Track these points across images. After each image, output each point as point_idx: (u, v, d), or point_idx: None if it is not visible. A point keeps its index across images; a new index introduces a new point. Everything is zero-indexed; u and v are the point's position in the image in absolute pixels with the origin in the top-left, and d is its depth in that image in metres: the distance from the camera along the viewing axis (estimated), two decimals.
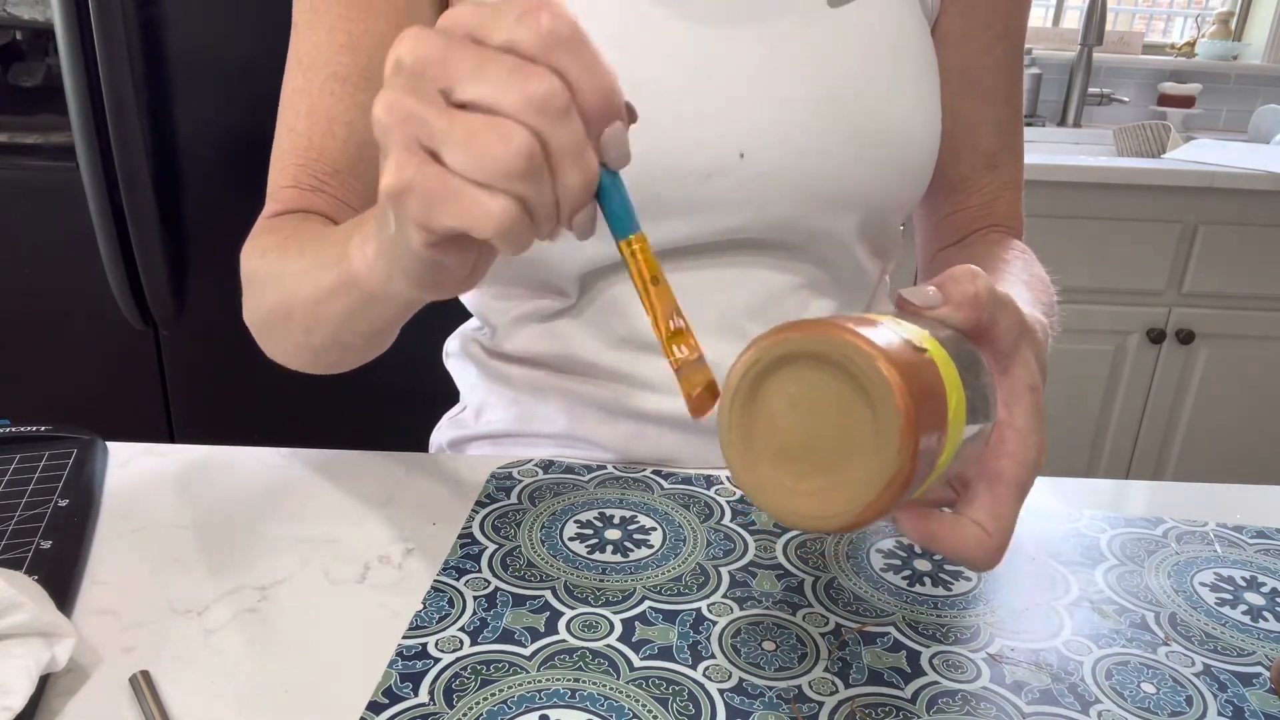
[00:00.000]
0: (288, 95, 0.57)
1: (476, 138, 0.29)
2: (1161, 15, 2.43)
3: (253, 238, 0.55)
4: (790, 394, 0.30)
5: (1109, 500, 0.58)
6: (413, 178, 0.30)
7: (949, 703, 0.40)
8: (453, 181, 0.29)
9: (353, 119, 0.56)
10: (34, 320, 1.41)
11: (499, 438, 0.67)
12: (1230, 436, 1.83)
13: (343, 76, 0.55)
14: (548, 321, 0.63)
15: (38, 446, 0.56)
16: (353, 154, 0.56)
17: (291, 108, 0.56)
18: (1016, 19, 0.64)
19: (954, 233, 0.67)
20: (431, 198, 0.30)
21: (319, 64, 0.55)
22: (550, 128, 0.29)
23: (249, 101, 1.30)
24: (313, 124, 0.56)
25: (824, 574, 0.48)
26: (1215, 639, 0.45)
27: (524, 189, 0.29)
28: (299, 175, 0.56)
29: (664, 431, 0.62)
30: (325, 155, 0.56)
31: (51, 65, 1.30)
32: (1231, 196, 1.65)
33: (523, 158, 0.29)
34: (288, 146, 0.57)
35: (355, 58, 0.55)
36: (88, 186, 1.27)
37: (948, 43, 0.62)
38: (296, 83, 0.56)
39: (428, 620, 0.43)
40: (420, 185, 0.30)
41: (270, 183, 0.57)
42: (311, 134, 0.56)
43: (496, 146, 0.29)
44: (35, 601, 0.38)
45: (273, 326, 0.51)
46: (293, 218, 0.55)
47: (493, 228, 0.30)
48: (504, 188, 0.29)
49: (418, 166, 0.30)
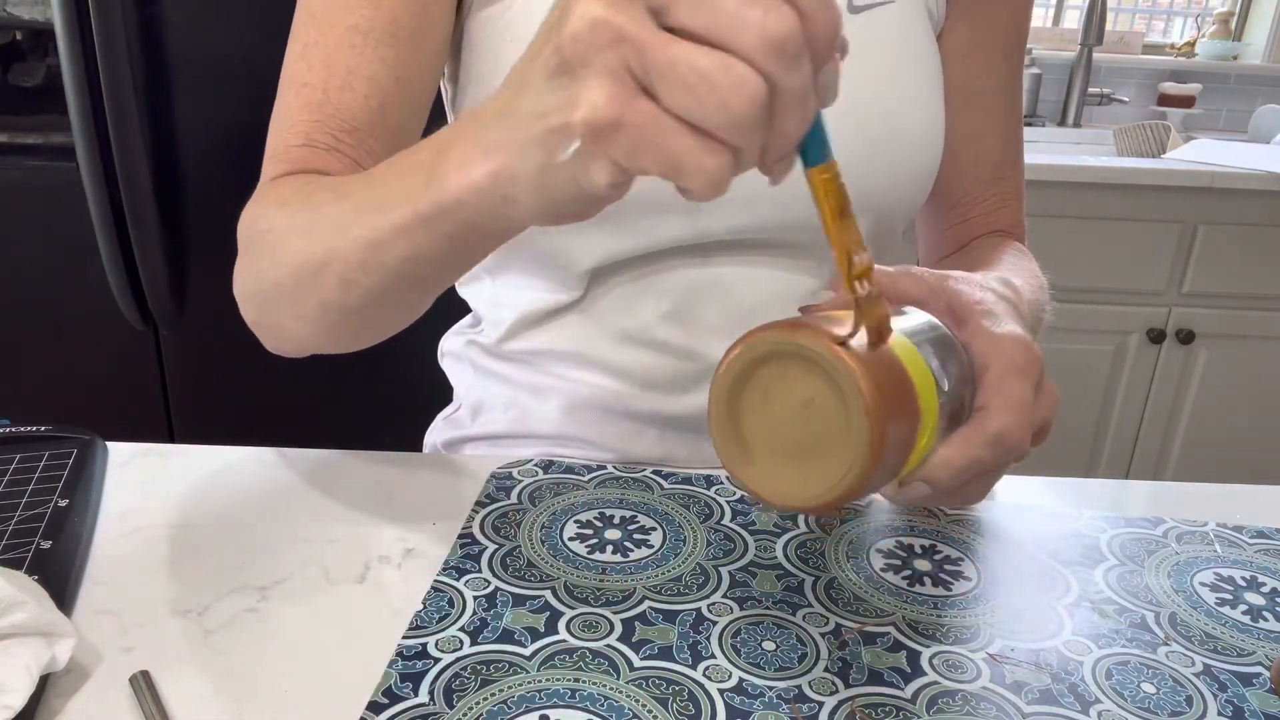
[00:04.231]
0: (296, 52, 0.53)
1: (707, 82, 0.25)
2: (1161, 15, 2.43)
3: (258, 196, 0.50)
4: (768, 389, 0.33)
5: (1109, 500, 0.58)
6: (623, 113, 0.27)
7: (949, 703, 0.40)
8: (668, 123, 0.26)
9: (375, 73, 0.51)
10: (34, 320, 1.41)
11: (496, 439, 0.67)
12: (1230, 436, 1.83)
13: (364, 30, 0.51)
14: (552, 317, 0.63)
15: (38, 446, 0.56)
16: (374, 111, 0.52)
17: (302, 62, 0.52)
18: (1019, 35, 0.65)
19: (957, 241, 0.68)
20: (642, 139, 0.27)
21: (335, 16, 0.52)
22: (784, 73, 0.26)
23: (249, 101, 1.30)
24: (329, 76, 0.51)
25: (824, 574, 0.48)
26: (1215, 639, 0.45)
27: (744, 139, 0.27)
28: (313, 132, 0.51)
29: (664, 432, 0.62)
30: (343, 110, 0.51)
31: (51, 65, 1.30)
32: (1231, 196, 1.65)
33: (756, 107, 0.26)
34: (298, 103, 0.52)
35: (378, 10, 0.51)
36: (88, 186, 1.27)
37: (953, 59, 0.63)
38: (308, 36, 0.52)
39: (428, 620, 0.43)
40: (632, 123, 0.27)
41: (273, 143, 0.53)
42: (328, 87, 0.51)
43: (729, 95, 0.26)
44: (35, 601, 0.38)
45: (291, 288, 0.45)
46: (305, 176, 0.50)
47: (704, 180, 0.27)
48: (725, 138, 0.27)
49: (628, 100, 0.27)
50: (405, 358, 0.48)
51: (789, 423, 0.33)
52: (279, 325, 0.49)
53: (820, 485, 0.33)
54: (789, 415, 0.33)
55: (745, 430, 0.34)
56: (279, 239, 0.46)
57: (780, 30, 0.25)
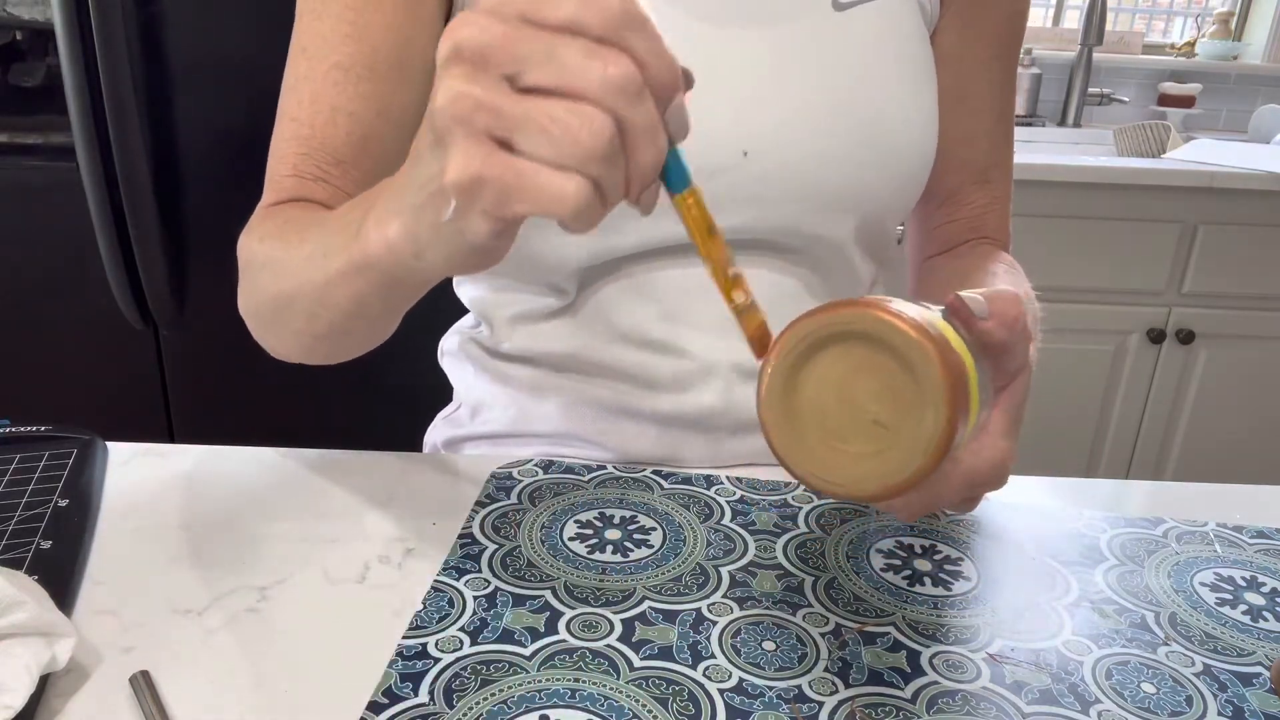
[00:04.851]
0: (290, 83, 0.56)
1: (557, 123, 0.29)
2: (1161, 15, 2.43)
3: (251, 226, 0.54)
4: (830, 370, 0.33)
5: (1109, 500, 0.58)
6: (482, 168, 0.30)
7: (949, 703, 0.40)
8: (526, 168, 0.29)
9: (355, 109, 0.55)
10: (34, 320, 1.41)
11: (496, 438, 0.67)
12: (1230, 436, 1.83)
13: (346, 66, 0.54)
14: (546, 319, 0.63)
15: (38, 446, 0.56)
16: (355, 145, 0.55)
17: (294, 95, 0.56)
18: (1013, 37, 0.65)
19: (943, 243, 0.68)
20: (506, 187, 0.30)
21: (323, 52, 0.55)
22: (629, 110, 0.29)
23: (249, 101, 1.30)
24: (315, 112, 0.55)
25: (824, 574, 0.48)
26: (1215, 639, 0.45)
27: (600, 170, 0.30)
28: (300, 164, 0.55)
29: (663, 431, 0.62)
30: (327, 144, 0.55)
31: (51, 65, 1.30)
32: (1231, 196, 1.65)
33: (604, 141, 0.29)
34: (289, 135, 0.56)
35: (359, 47, 0.54)
36: (88, 186, 1.27)
37: (946, 60, 0.63)
38: (300, 70, 0.56)
39: (428, 620, 0.43)
40: (492, 175, 0.30)
41: (270, 171, 0.57)
42: (314, 122, 0.55)
43: (579, 131, 0.29)
44: (35, 601, 0.38)
45: (271, 315, 0.51)
46: (292, 205, 0.54)
47: (570, 209, 0.30)
48: (582, 171, 0.29)
49: (486, 157, 0.30)
50: (405, 358, 0.48)
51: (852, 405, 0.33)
52: (270, 340, 0.54)
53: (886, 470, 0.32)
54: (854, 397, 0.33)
55: (803, 411, 0.34)
56: (259, 273, 0.51)
57: (618, 74, 0.29)
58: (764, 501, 0.55)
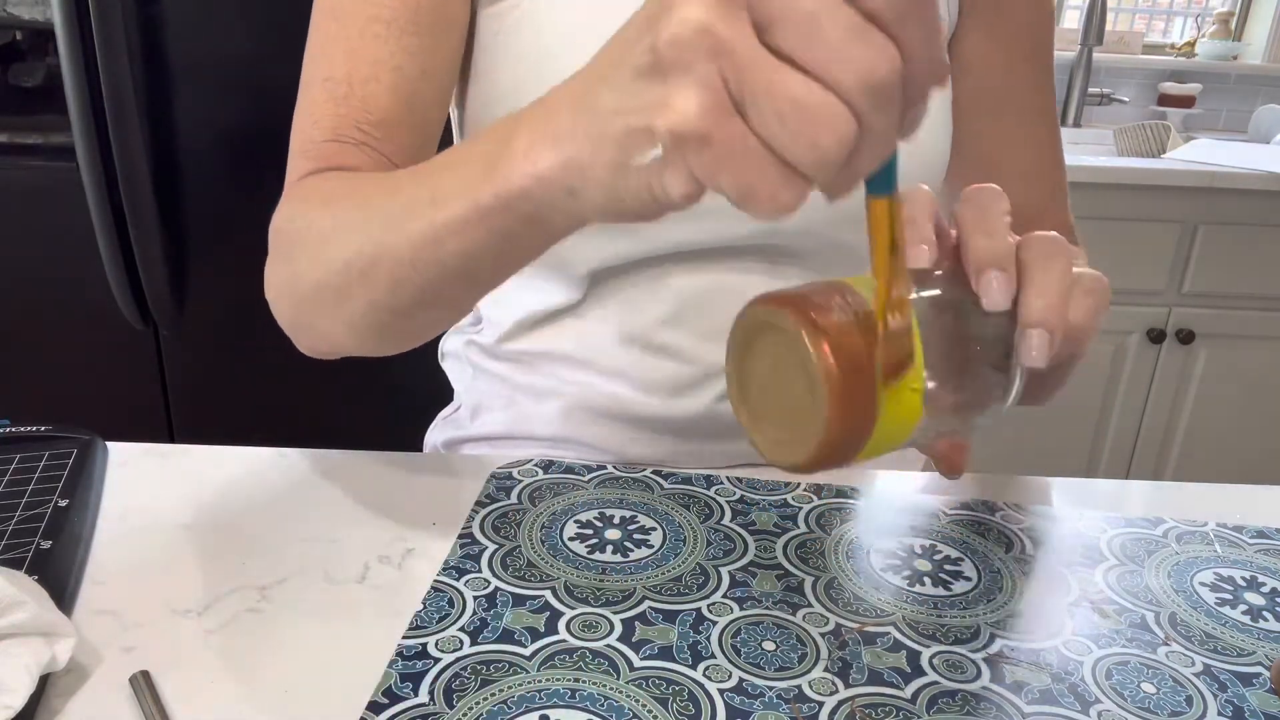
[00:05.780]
0: (318, 45, 0.52)
1: (801, 115, 0.25)
2: (1161, 15, 2.43)
3: (292, 197, 0.49)
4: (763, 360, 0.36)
5: (1109, 500, 0.58)
6: (713, 129, 0.26)
7: (949, 703, 0.40)
8: (754, 148, 0.26)
9: (400, 64, 0.50)
10: (34, 320, 1.41)
11: (495, 439, 0.67)
12: (1230, 436, 1.83)
13: (387, 20, 0.50)
14: (553, 319, 0.63)
15: (38, 446, 0.56)
16: (401, 103, 0.51)
17: (325, 57, 0.51)
18: (1042, 36, 0.63)
19: None
20: (726, 158, 0.26)
21: (355, 8, 0.50)
22: (875, 115, 0.25)
23: (249, 101, 1.30)
24: (354, 69, 0.50)
25: (824, 574, 0.48)
26: (1215, 639, 0.45)
27: (825, 175, 0.26)
28: (340, 127, 0.50)
29: (662, 436, 0.62)
30: (369, 101, 0.50)
31: (51, 65, 1.30)
32: (1231, 196, 1.65)
33: (845, 147, 0.25)
34: (322, 97, 0.50)
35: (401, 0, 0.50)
36: (88, 186, 1.27)
37: (973, 68, 0.61)
38: (328, 31, 0.51)
39: (428, 620, 0.43)
40: (720, 140, 0.26)
41: (298, 140, 0.51)
42: (353, 80, 0.50)
43: (820, 133, 0.25)
44: (35, 601, 0.38)
45: (334, 291, 0.44)
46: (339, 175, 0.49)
47: (775, 209, 0.26)
48: (808, 173, 0.26)
49: (721, 116, 0.25)
50: (405, 358, 0.48)
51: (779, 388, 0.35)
52: (315, 326, 0.47)
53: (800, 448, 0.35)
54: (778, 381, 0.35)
55: (751, 393, 0.37)
56: (322, 238, 0.44)
57: (881, 73, 0.25)
58: (764, 501, 0.55)
